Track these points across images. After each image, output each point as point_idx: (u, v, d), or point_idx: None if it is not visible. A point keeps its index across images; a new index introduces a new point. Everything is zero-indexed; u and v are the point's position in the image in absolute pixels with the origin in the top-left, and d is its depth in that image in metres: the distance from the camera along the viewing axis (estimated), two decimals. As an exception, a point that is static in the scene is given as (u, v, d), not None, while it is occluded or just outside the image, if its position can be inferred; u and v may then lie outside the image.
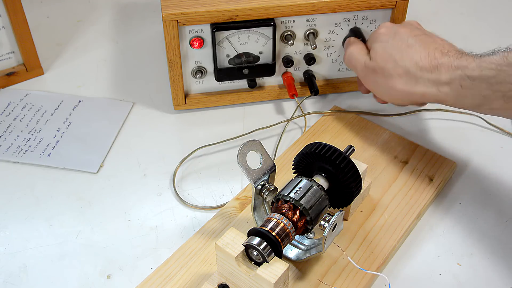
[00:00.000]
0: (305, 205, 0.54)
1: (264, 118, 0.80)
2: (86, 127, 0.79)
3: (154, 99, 0.84)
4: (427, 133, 0.78)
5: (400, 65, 0.64)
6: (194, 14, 0.71)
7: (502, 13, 1.03)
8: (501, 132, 0.78)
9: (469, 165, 0.73)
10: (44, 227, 0.66)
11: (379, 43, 0.67)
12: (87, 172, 0.72)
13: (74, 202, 0.68)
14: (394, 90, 0.65)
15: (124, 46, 0.95)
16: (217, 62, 0.76)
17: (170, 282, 0.57)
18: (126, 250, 0.63)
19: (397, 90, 0.65)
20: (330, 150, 0.55)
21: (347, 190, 0.56)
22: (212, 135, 0.76)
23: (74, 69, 0.90)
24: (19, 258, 0.62)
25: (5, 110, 0.81)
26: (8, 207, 0.68)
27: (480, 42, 0.95)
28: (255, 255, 0.52)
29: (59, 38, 0.96)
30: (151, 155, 0.75)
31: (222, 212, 0.65)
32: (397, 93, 0.65)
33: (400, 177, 0.69)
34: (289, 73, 0.80)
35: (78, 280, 0.60)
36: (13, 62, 0.86)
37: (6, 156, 0.74)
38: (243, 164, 0.56)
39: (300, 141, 0.74)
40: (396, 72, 0.64)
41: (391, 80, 0.65)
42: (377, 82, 0.67)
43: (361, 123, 0.76)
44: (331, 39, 0.78)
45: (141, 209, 0.68)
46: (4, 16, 0.81)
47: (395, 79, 0.64)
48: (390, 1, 0.75)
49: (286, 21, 0.75)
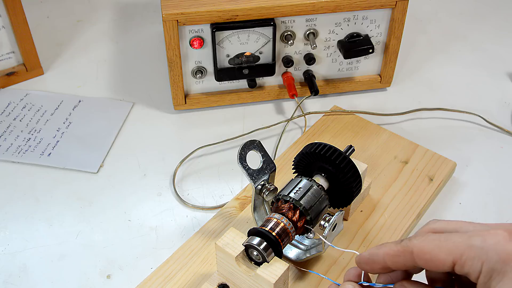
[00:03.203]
0: (305, 205, 0.54)
1: (264, 118, 0.80)
2: (86, 127, 0.79)
3: (154, 99, 0.84)
4: (427, 133, 0.78)
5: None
6: (194, 14, 0.71)
7: (502, 13, 1.03)
8: (501, 132, 0.78)
9: (469, 165, 0.73)
10: (44, 227, 0.66)
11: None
12: (87, 172, 0.72)
13: (74, 202, 0.68)
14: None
15: (124, 46, 0.95)
16: (217, 62, 0.76)
17: (170, 282, 0.57)
18: (126, 250, 0.63)
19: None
20: (330, 150, 0.55)
21: (347, 190, 0.56)
22: (212, 135, 0.76)
23: (74, 69, 0.90)
24: (19, 258, 0.62)
25: (5, 110, 0.81)
26: (8, 207, 0.68)
27: (480, 42, 0.95)
28: (255, 255, 0.52)
29: (59, 38, 0.96)
30: (151, 155, 0.75)
31: (222, 212, 0.65)
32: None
33: (400, 177, 0.69)
34: (289, 73, 0.80)
35: (78, 280, 0.60)
36: (13, 62, 0.86)
37: (6, 156, 0.74)
38: (243, 164, 0.56)
39: (300, 141, 0.74)
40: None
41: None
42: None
43: (361, 123, 0.76)
44: (331, 39, 0.78)
45: (141, 209, 0.68)
46: (4, 16, 0.81)
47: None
48: (390, 1, 0.75)
49: (286, 21, 0.75)
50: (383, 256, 0.42)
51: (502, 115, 0.81)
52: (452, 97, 0.84)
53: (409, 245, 0.41)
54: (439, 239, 0.39)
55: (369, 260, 0.44)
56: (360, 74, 0.83)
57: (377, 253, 0.43)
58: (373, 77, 0.83)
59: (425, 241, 0.40)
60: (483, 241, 0.38)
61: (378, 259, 0.43)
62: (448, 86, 0.87)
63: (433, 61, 0.91)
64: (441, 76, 0.89)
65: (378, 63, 0.82)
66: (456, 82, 0.87)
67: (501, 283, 0.36)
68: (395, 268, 0.42)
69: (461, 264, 0.38)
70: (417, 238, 0.41)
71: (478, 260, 0.37)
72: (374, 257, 0.43)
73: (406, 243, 0.41)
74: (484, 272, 0.37)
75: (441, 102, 0.82)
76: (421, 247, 0.40)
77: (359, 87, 0.84)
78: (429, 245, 0.40)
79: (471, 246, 0.38)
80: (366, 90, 0.85)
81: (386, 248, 0.42)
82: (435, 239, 0.40)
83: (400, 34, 0.78)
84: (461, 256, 0.38)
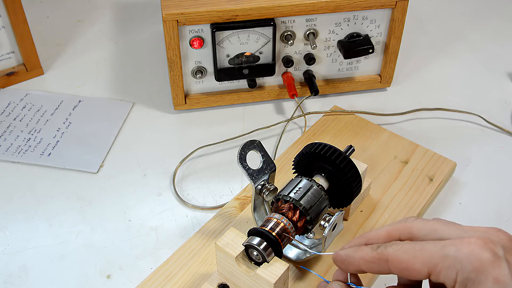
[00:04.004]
0: (305, 205, 0.54)
1: (264, 118, 0.80)
2: (86, 127, 0.79)
3: (154, 99, 0.84)
4: (427, 133, 0.78)
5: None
6: (194, 14, 0.71)
7: (502, 13, 1.03)
8: (501, 132, 0.78)
9: (469, 165, 0.73)
10: (44, 227, 0.66)
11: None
12: (87, 172, 0.72)
13: (74, 202, 0.68)
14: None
15: (124, 46, 0.95)
16: (217, 62, 0.76)
17: (170, 282, 0.57)
18: (126, 250, 0.63)
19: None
20: (330, 150, 0.55)
21: (347, 190, 0.56)
22: (212, 135, 0.76)
23: (74, 69, 0.90)
24: (19, 258, 0.62)
25: (5, 110, 0.81)
26: (8, 207, 0.68)
27: (480, 42, 0.95)
28: (255, 255, 0.52)
29: (59, 38, 0.96)
30: (151, 155, 0.75)
31: (222, 212, 0.65)
32: None
33: (400, 177, 0.69)
34: (289, 73, 0.80)
35: (78, 280, 0.60)
36: (13, 62, 0.86)
37: (6, 156, 0.74)
38: (243, 164, 0.56)
39: (300, 141, 0.74)
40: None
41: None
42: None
43: (361, 123, 0.76)
44: (331, 39, 0.78)
45: (141, 209, 0.68)
46: (4, 16, 0.81)
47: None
48: (390, 1, 0.75)
49: (286, 21, 0.75)
50: (358, 261, 0.43)
51: (502, 115, 0.81)
52: (452, 97, 0.84)
53: (384, 253, 0.41)
54: (413, 249, 0.40)
55: (345, 261, 0.44)
56: (360, 74, 0.83)
57: (354, 257, 0.43)
58: (373, 77, 0.83)
59: (400, 250, 0.40)
60: (457, 251, 0.38)
61: (354, 262, 0.43)
62: (448, 86, 0.87)
63: (433, 61, 0.91)
64: (441, 76, 0.89)
65: (378, 63, 0.82)
66: (456, 82, 0.87)
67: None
68: (370, 272, 0.43)
69: (437, 273, 0.38)
70: (392, 247, 0.41)
71: (452, 270, 0.38)
72: (350, 259, 0.43)
73: (381, 250, 0.41)
74: (459, 282, 0.38)
75: (441, 102, 0.82)
76: (396, 257, 0.40)
77: (359, 87, 0.84)
78: (404, 255, 0.40)
79: (446, 256, 0.38)
80: (366, 90, 0.85)
81: (363, 252, 0.42)
82: (410, 248, 0.40)
83: (400, 34, 0.78)
84: (436, 266, 0.38)
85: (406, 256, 0.40)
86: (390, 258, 0.40)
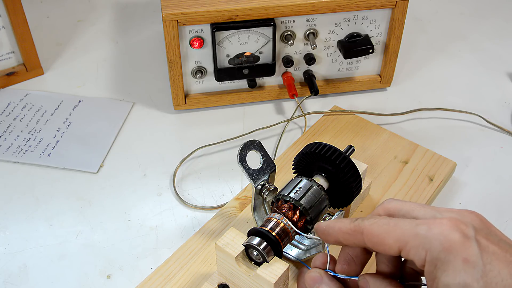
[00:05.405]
0: (305, 205, 0.54)
1: (264, 118, 0.80)
2: (86, 127, 0.79)
3: (154, 99, 0.84)
4: (427, 133, 0.78)
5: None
6: (194, 14, 0.71)
7: (502, 13, 1.03)
8: (501, 132, 0.78)
9: (469, 165, 0.73)
10: (44, 227, 0.66)
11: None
12: (87, 172, 0.72)
13: (74, 202, 0.68)
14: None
15: (124, 46, 0.95)
16: (217, 62, 0.76)
17: (170, 282, 0.57)
18: (126, 250, 0.63)
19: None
20: (330, 150, 0.55)
21: (347, 190, 0.56)
22: (212, 135, 0.76)
23: (74, 69, 0.90)
24: (19, 258, 0.62)
25: (5, 110, 0.81)
26: (8, 207, 0.68)
27: (480, 42, 0.95)
28: (255, 255, 0.52)
29: (59, 38, 0.96)
30: (151, 155, 0.75)
31: (222, 212, 0.65)
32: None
33: (400, 177, 0.69)
34: (289, 73, 0.80)
35: (78, 280, 0.60)
36: (13, 62, 0.86)
37: (6, 156, 0.74)
38: (243, 164, 0.56)
39: (300, 141, 0.74)
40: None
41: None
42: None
43: (361, 123, 0.76)
44: (331, 39, 0.78)
45: (141, 209, 0.68)
46: (4, 16, 0.81)
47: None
48: (390, 1, 0.75)
49: (286, 21, 0.75)
50: (337, 231, 0.43)
51: (502, 115, 0.81)
52: (452, 97, 0.84)
53: (361, 225, 0.42)
54: (388, 224, 0.40)
55: (325, 232, 0.45)
56: (360, 74, 0.83)
57: (333, 227, 0.44)
58: (373, 77, 0.83)
59: (375, 224, 0.41)
60: (427, 230, 0.38)
61: (333, 233, 0.44)
62: (448, 86, 0.87)
63: (433, 61, 0.91)
64: (441, 76, 0.89)
65: (378, 63, 0.82)
66: (456, 82, 0.87)
67: (446, 273, 0.36)
68: (347, 244, 0.43)
69: (406, 251, 0.39)
70: (369, 220, 0.41)
71: (422, 249, 0.38)
72: (329, 230, 0.44)
73: (358, 223, 0.42)
74: (428, 261, 0.38)
75: (441, 102, 0.82)
76: (370, 230, 0.41)
77: (359, 87, 0.84)
78: (378, 229, 0.40)
79: (417, 234, 0.38)
80: (366, 90, 0.85)
81: (341, 224, 0.43)
82: (385, 223, 0.40)
83: (400, 34, 0.78)
84: (406, 244, 0.39)
85: (380, 231, 0.40)
86: (365, 231, 0.41)
